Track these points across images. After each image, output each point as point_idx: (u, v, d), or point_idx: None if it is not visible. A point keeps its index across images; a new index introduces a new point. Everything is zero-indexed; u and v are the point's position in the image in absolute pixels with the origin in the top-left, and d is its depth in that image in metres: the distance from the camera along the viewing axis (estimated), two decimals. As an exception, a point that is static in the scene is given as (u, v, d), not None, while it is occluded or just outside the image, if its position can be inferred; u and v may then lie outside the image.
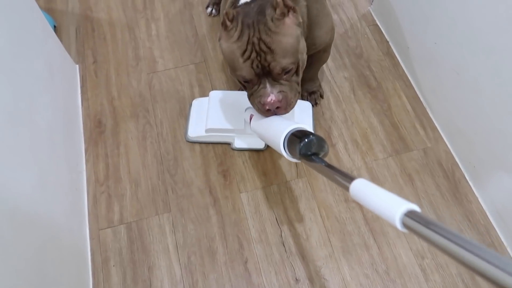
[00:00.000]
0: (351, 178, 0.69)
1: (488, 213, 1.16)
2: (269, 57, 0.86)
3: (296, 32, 0.89)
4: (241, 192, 1.19)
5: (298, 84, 0.95)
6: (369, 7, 1.55)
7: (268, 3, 0.88)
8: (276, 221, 1.15)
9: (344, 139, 1.27)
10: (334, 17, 1.52)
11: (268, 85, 0.90)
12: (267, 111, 0.93)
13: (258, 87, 0.91)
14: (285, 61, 0.87)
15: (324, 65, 1.40)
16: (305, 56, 0.96)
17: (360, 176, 1.20)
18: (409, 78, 1.38)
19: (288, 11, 0.88)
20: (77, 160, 1.21)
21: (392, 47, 1.45)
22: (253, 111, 1.14)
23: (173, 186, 1.20)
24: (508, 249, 1.11)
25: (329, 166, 0.75)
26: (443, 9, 1.12)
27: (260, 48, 0.86)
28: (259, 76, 0.90)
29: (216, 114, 1.22)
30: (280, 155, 1.23)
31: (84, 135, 1.29)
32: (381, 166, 1.23)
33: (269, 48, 0.86)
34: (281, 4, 0.86)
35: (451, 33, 1.11)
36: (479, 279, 1.07)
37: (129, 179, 1.21)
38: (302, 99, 1.31)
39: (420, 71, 1.32)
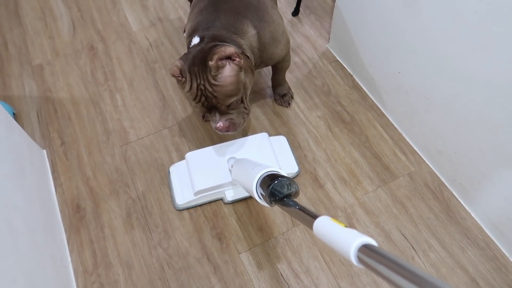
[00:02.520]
0: (314, 217, 0.70)
1: (483, 227, 1.17)
2: (214, 100, 1.03)
3: (236, 78, 1.02)
4: (240, 252, 1.15)
5: (245, 107, 1.10)
6: (326, 45, 1.60)
7: (210, 52, 1.00)
8: (282, 276, 1.11)
9: (331, 178, 1.27)
10: (295, 59, 1.56)
11: (217, 115, 1.07)
12: (220, 132, 1.09)
13: (211, 114, 1.09)
14: (228, 101, 1.04)
15: (297, 108, 1.42)
16: (249, 84, 1.10)
17: (354, 213, 1.20)
18: (380, 107, 1.42)
19: (228, 61, 1.00)
20: (61, 253, 1.13)
21: (357, 80, 1.49)
22: (233, 161, 1.14)
23: (168, 261, 1.14)
24: (511, 259, 1.12)
25: (301, 208, 0.77)
26: (402, 39, 1.17)
27: (207, 94, 1.02)
28: (210, 110, 1.07)
29: (200, 174, 1.19)
30: (271, 208, 1.21)
31: (63, 224, 1.21)
32: (373, 199, 1.23)
33: (213, 95, 1.02)
34: (214, 65, 0.98)
35: (413, 61, 1.16)
36: (492, 295, 1.07)
37: (120, 262, 1.14)
38: (276, 103, 1.44)
39: (389, 99, 1.36)
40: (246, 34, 1.09)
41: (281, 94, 1.42)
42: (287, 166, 1.27)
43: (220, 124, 1.07)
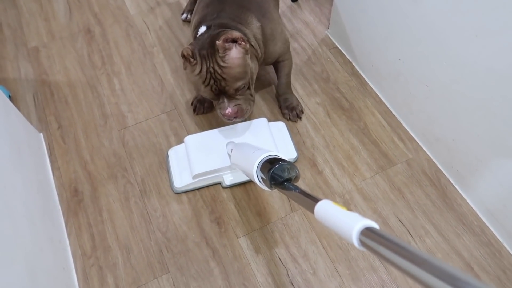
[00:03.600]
0: (316, 200, 0.70)
1: (479, 213, 1.19)
2: (223, 83, 1.07)
3: (243, 61, 1.07)
4: (239, 237, 1.16)
5: (251, 94, 1.15)
6: (326, 32, 1.59)
7: (217, 36, 1.04)
8: (280, 260, 1.12)
9: (330, 165, 1.28)
10: (295, 45, 1.55)
11: (225, 101, 1.11)
12: (228, 119, 1.12)
13: (219, 101, 1.12)
14: (236, 84, 1.07)
15: (296, 94, 1.41)
16: (255, 71, 1.13)
17: (352, 198, 1.21)
18: (378, 94, 1.42)
19: (234, 43, 1.04)
20: (59, 236, 1.13)
21: (356, 67, 1.49)
22: (232, 145, 1.14)
23: (167, 245, 1.15)
24: (505, 245, 1.14)
25: (302, 191, 0.78)
26: (402, 26, 1.17)
27: (216, 77, 1.06)
28: (218, 95, 1.10)
29: (199, 158, 1.19)
30: (270, 193, 1.22)
31: (61, 208, 1.21)
32: (371, 185, 1.24)
33: (222, 77, 1.05)
34: (221, 45, 1.02)
35: (413, 48, 1.16)
36: (485, 279, 1.09)
37: (119, 245, 1.14)
38: (284, 117, 1.37)
39: (388, 86, 1.36)
40: (251, 25, 1.15)
41: (290, 107, 1.36)
42: (286, 152, 1.27)
43: (229, 110, 1.09)
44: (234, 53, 1.05)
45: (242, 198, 1.22)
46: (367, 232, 0.57)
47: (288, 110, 1.36)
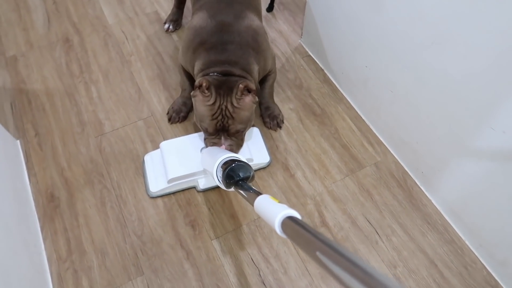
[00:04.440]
0: (257, 194, 0.80)
1: (443, 213, 1.25)
2: (230, 121, 1.15)
3: (252, 108, 1.17)
4: (212, 239, 1.19)
5: (242, 139, 1.22)
6: (299, 40, 1.65)
7: (236, 83, 1.14)
8: (252, 261, 1.16)
9: (302, 168, 1.32)
10: (269, 54, 1.60)
11: (223, 138, 1.18)
12: None
13: (215, 137, 1.18)
14: (240, 126, 1.16)
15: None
16: (252, 120, 1.22)
17: (323, 200, 1.26)
18: (349, 100, 1.48)
19: (249, 93, 1.14)
20: (34, 240, 1.14)
21: (328, 74, 1.55)
22: (204, 150, 1.21)
23: (142, 248, 1.17)
24: (467, 242, 1.20)
25: (251, 189, 0.88)
26: (367, 35, 1.23)
27: (225, 114, 1.14)
28: (218, 131, 1.17)
29: (174, 163, 1.23)
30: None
31: (37, 213, 1.22)
32: (341, 187, 1.29)
33: (231, 116, 1.14)
34: (241, 88, 1.12)
35: (378, 55, 1.22)
36: (447, 275, 1.14)
37: (94, 249, 1.16)
38: (265, 125, 1.42)
39: (358, 92, 1.42)
40: (253, 72, 1.22)
41: (271, 116, 1.41)
42: (259, 156, 1.31)
43: (223, 146, 1.17)
44: (248, 99, 1.15)
45: (217, 201, 1.26)
46: (288, 220, 0.65)
47: (269, 119, 1.40)
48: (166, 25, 1.66)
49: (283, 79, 1.54)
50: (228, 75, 1.17)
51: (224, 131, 1.17)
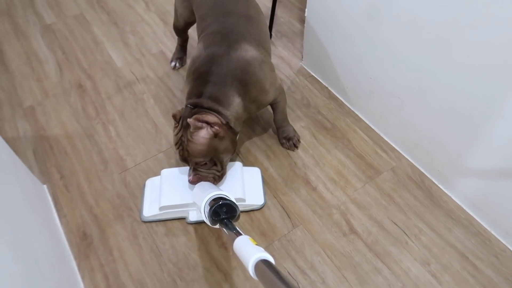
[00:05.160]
0: (237, 235, 0.85)
1: (464, 207, 1.29)
2: (186, 154, 1.19)
3: (208, 141, 1.15)
4: (247, 258, 1.21)
5: (218, 170, 1.23)
6: (300, 63, 1.74)
7: (195, 113, 1.15)
8: (289, 274, 1.18)
9: (322, 180, 1.37)
10: (274, 78, 1.68)
11: (191, 169, 1.22)
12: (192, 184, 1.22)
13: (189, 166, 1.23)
14: (197, 159, 1.18)
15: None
16: (226, 151, 1.21)
17: (348, 209, 1.30)
18: (356, 113, 1.55)
19: (207, 124, 1.14)
20: (73, 280, 1.15)
21: (332, 90, 1.63)
22: (199, 185, 1.20)
23: (179, 274, 1.19)
24: (493, 232, 1.24)
25: (234, 229, 0.91)
26: (369, 48, 1.31)
27: (183, 146, 1.18)
28: (186, 161, 1.22)
29: (169, 191, 1.27)
30: (271, 213, 1.29)
31: (72, 252, 1.24)
32: (362, 194, 1.33)
33: (186, 149, 1.17)
34: (192, 122, 1.12)
35: (382, 65, 1.30)
36: (480, 266, 1.17)
37: (133, 281, 1.18)
38: (283, 146, 1.45)
39: (364, 104, 1.49)
40: (231, 105, 1.19)
41: (287, 138, 1.45)
42: (254, 197, 1.31)
43: (190, 178, 1.21)
44: (202, 134, 1.14)
45: (245, 221, 1.29)
46: (261, 264, 0.69)
47: (285, 140, 1.46)
48: (173, 63, 1.75)
49: (291, 100, 1.61)
50: (198, 107, 1.18)
51: (190, 162, 1.21)
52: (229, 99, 1.19)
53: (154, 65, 1.78)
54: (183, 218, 1.29)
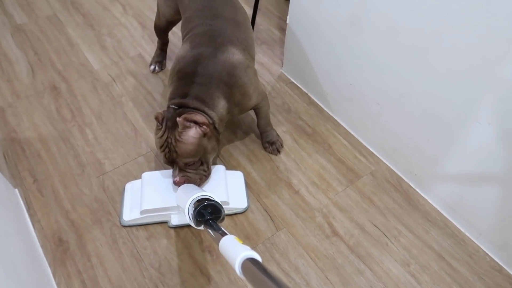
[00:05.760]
0: (223, 235, 0.83)
1: (440, 210, 1.34)
2: (174, 155, 1.16)
3: (197, 141, 1.15)
4: (231, 262, 1.20)
5: (205, 170, 1.22)
6: (281, 69, 1.77)
7: (182, 113, 1.13)
8: (274, 278, 1.17)
9: (304, 184, 1.39)
10: (255, 84, 1.69)
11: (176, 170, 1.19)
12: (177, 186, 1.19)
13: (173, 169, 1.21)
14: (187, 159, 1.16)
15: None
16: (212, 150, 1.21)
17: (330, 211, 1.32)
18: (336, 118, 1.59)
19: (195, 123, 1.12)
20: (49, 287, 1.10)
21: (312, 97, 1.66)
22: (182, 188, 1.18)
23: (161, 279, 1.16)
24: (467, 234, 1.29)
25: (219, 229, 0.89)
26: (350, 54, 1.35)
27: (170, 148, 1.15)
28: (171, 163, 1.20)
29: (150, 195, 1.24)
30: (254, 217, 1.29)
31: (46, 259, 1.18)
32: (344, 198, 1.36)
33: (175, 150, 1.15)
34: (181, 122, 1.10)
35: (362, 72, 1.34)
36: (456, 266, 1.22)
37: (112, 288, 1.14)
38: (266, 150, 1.45)
39: (344, 110, 1.53)
40: (217, 106, 1.20)
41: (270, 142, 1.46)
42: (237, 200, 1.30)
43: (177, 179, 1.18)
44: (192, 133, 1.13)
45: (229, 225, 1.28)
46: (248, 262, 0.68)
47: (268, 144, 1.46)
48: (152, 67, 1.73)
49: (272, 105, 1.62)
50: (183, 107, 1.17)
51: (176, 164, 1.18)
52: (215, 101, 1.19)
53: (132, 68, 1.75)
54: (164, 222, 1.27)
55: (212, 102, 1.19)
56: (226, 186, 1.29)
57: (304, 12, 1.46)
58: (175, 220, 1.25)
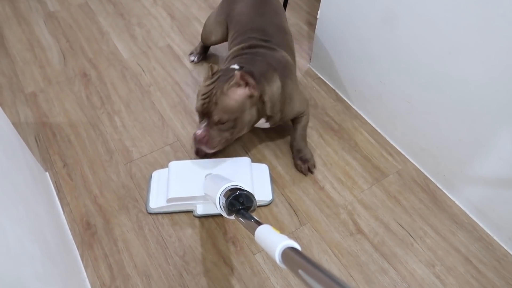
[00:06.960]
0: (258, 224, 0.82)
1: (468, 212, 1.32)
2: (213, 107, 1.16)
3: (241, 99, 1.16)
4: (255, 253, 1.20)
5: (231, 134, 1.21)
6: (308, 65, 1.76)
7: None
8: (297, 272, 1.17)
9: (330, 180, 1.38)
10: (282, 78, 1.69)
11: (203, 123, 1.19)
12: (195, 143, 1.20)
13: (201, 122, 1.20)
14: (222, 115, 1.15)
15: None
16: (248, 121, 1.21)
17: (354, 209, 1.31)
18: (363, 116, 1.57)
19: (246, 85, 1.15)
20: (76, 269, 1.12)
21: (340, 93, 1.64)
22: (208, 176, 1.21)
23: (186, 267, 1.17)
24: (495, 238, 1.26)
25: (253, 218, 0.89)
26: (382, 51, 1.33)
27: (212, 99, 1.15)
28: (204, 115, 1.19)
29: (177, 184, 1.25)
30: (278, 210, 1.29)
31: (75, 241, 1.21)
32: (369, 196, 1.35)
33: (216, 101, 1.15)
34: (237, 77, 1.13)
35: (393, 69, 1.32)
36: (483, 270, 1.19)
37: (138, 273, 1.15)
38: (297, 168, 1.40)
39: (372, 108, 1.51)
40: (273, 83, 1.25)
41: (303, 159, 1.38)
42: (262, 193, 1.30)
43: (199, 131, 1.18)
44: (240, 91, 1.15)
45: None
46: (288, 251, 0.67)
47: (300, 162, 1.39)
48: (192, 57, 1.74)
49: (298, 100, 1.62)
50: (256, 47, 1.29)
51: (207, 117, 1.18)
52: (273, 77, 1.25)
53: (161, 59, 1.76)
54: (190, 211, 1.28)
55: (270, 77, 1.24)
56: (252, 178, 1.29)
57: (336, 7, 1.45)
58: (200, 210, 1.26)
